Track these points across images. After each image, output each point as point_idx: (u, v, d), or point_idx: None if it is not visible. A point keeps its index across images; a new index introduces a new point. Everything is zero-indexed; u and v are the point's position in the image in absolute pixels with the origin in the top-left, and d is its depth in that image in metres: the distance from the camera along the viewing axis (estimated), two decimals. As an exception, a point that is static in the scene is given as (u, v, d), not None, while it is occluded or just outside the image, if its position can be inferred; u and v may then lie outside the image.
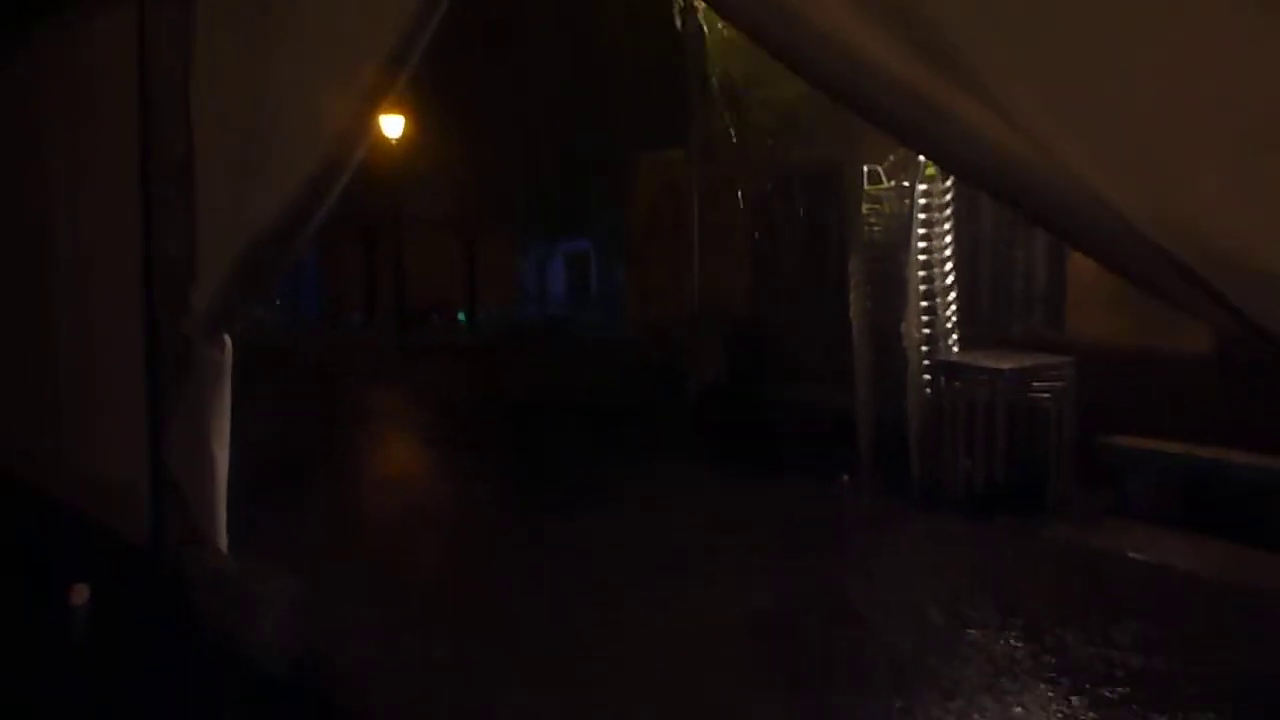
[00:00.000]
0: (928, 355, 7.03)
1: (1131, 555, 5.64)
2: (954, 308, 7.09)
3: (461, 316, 19.79)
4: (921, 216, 7.05)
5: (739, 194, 10.32)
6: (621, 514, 6.48)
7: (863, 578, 5.52)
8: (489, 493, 7.23)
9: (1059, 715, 3.68)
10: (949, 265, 7.05)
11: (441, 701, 3.83)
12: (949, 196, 7.03)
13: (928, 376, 7.02)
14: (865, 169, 7.50)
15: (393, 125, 16.44)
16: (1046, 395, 6.56)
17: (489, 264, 19.96)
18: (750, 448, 8.14)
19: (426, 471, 8.26)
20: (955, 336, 7.10)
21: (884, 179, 7.40)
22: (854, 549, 6.10)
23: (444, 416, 10.31)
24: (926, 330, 7.05)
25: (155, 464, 5.03)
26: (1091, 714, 3.68)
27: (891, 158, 7.27)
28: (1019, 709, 3.71)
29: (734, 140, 10.16)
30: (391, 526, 6.34)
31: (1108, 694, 3.83)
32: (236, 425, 5.32)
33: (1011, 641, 4.37)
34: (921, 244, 7.05)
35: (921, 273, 7.05)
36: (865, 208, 7.51)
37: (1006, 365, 6.62)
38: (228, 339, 4.94)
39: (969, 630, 4.46)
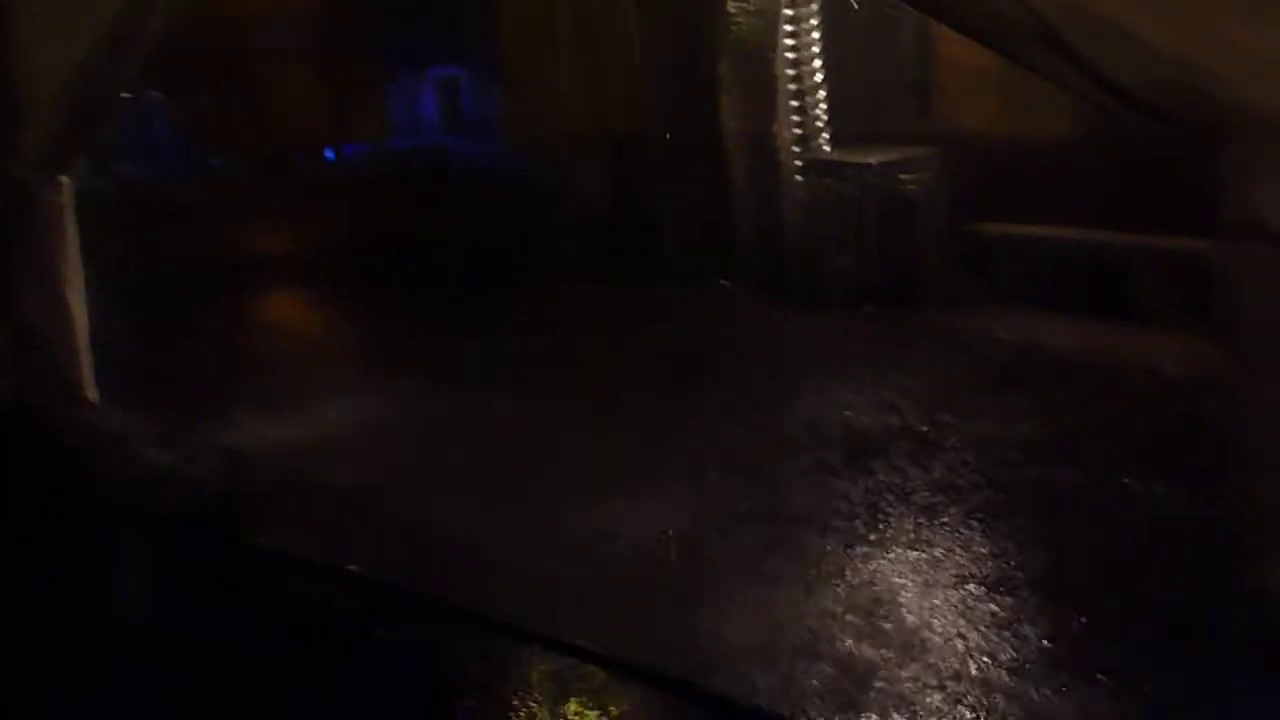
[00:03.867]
0: (799, 155, 7.03)
1: (999, 336, 5.87)
2: (824, 105, 7.04)
3: (329, 154, 19.02)
4: (788, 13, 6.91)
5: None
6: (511, 333, 6.48)
7: (745, 370, 5.66)
8: (377, 325, 7.15)
9: (924, 475, 3.90)
10: (817, 62, 6.96)
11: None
12: (815, -9, 6.88)
13: (800, 177, 7.04)
14: (731, -35, 7.28)
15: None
16: (915, 187, 6.65)
17: (355, 98, 19.06)
18: (631, 263, 8.14)
19: (316, 310, 8.10)
20: (826, 134, 7.09)
21: (750, -26, 7.20)
22: (734, 347, 6.23)
23: (323, 258, 10.00)
24: (798, 130, 7.02)
25: (9, 317, 4.81)
26: (953, 473, 3.91)
27: (757, -48, 7.06)
28: (886, 475, 3.92)
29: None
30: (283, 361, 6.24)
31: (969, 458, 4.07)
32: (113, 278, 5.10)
33: (882, 417, 4.58)
34: (789, 41, 6.93)
35: (790, 71, 6.96)
36: (732, 6, 7.32)
37: (874, 159, 6.66)
38: (65, 179, 4.66)
39: (845, 411, 4.65)
